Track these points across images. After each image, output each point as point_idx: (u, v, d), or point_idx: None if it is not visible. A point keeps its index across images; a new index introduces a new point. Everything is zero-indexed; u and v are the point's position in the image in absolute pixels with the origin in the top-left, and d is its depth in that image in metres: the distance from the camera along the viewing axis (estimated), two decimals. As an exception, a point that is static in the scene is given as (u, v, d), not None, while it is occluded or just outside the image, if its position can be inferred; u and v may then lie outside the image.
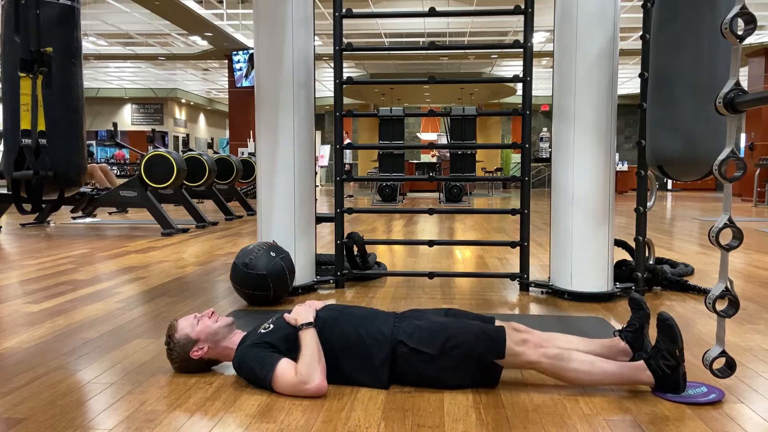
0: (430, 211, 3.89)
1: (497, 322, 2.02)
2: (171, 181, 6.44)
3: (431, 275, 3.55)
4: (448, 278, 3.83)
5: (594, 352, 1.96)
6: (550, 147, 6.27)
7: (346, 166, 13.33)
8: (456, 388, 1.91)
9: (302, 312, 1.98)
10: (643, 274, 3.33)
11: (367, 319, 2.01)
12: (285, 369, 1.83)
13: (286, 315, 2.01)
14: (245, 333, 2.05)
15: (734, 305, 1.69)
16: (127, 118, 22.75)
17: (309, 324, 1.92)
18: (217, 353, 2.02)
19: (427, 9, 3.48)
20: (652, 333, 1.87)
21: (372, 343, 1.92)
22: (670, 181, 15.96)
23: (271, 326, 2.01)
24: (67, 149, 4.23)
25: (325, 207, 9.89)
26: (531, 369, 1.92)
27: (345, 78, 3.52)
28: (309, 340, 1.88)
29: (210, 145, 11.94)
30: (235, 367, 1.97)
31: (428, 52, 13.07)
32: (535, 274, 3.82)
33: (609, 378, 1.87)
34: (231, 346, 2.01)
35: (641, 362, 1.86)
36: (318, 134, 19.68)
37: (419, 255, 4.89)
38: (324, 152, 16.59)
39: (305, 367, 1.82)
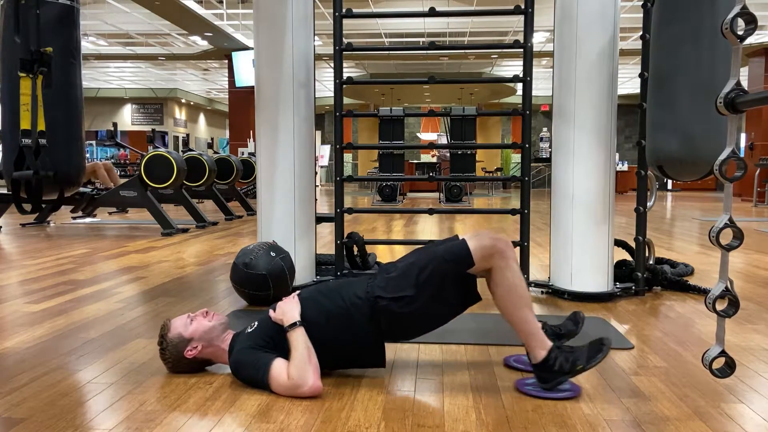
0: (430, 211, 3.89)
1: (460, 237, 1.99)
2: (171, 181, 6.44)
3: (431, 275, 3.54)
4: (448, 278, 3.82)
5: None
6: (550, 147, 6.26)
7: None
8: (448, 317, 1.93)
9: (287, 309, 1.95)
10: (643, 274, 3.33)
11: (342, 288, 2.02)
12: (278, 372, 1.83)
13: (271, 312, 1.99)
14: (235, 333, 2.05)
15: (734, 305, 1.69)
16: (127, 118, 22.75)
17: (296, 324, 1.90)
18: (210, 353, 2.01)
19: (427, 9, 3.48)
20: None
21: (352, 309, 1.92)
22: (670, 181, 15.95)
23: (256, 323, 2.01)
24: (66, 149, 4.23)
25: (325, 207, 9.89)
26: (492, 260, 1.87)
27: (345, 78, 3.52)
28: (297, 341, 1.86)
29: (210, 145, 11.96)
30: (232, 372, 1.97)
31: (428, 52, 13.06)
32: (535, 274, 3.82)
33: (525, 317, 1.87)
34: (224, 346, 2.01)
35: (550, 343, 1.88)
36: (318, 134, 19.67)
37: (419, 255, 4.88)
38: (324, 152, 16.59)
39: (296, 371, 1.81)
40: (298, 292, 2.09)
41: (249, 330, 2.00)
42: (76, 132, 4.32)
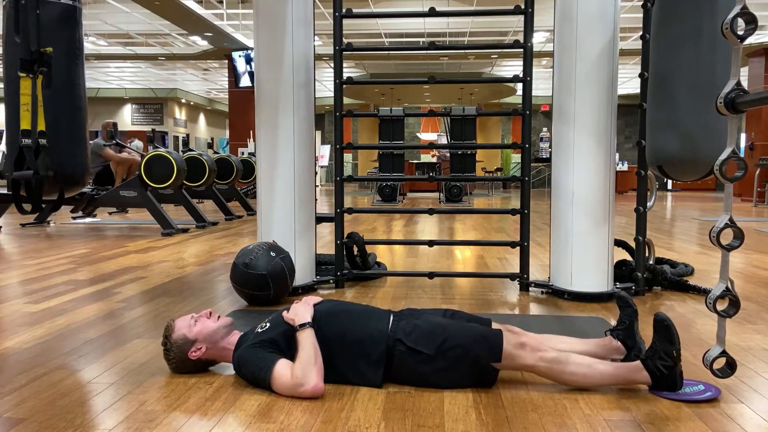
0: (430, 211, 3.89)
1: (494, 325, 2.02)
2: (171, 181, 6.44)
3: (431, 275, 3.55)
4: (448, 278, 3.83)
5: (590, 353, 1.97)
6: (550, 147, 6.27)
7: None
8: (450, 389, 1.92)
9: (300, 311, 1.97)
10: (643, 274, 3.33)
11: (364, 316, 2.01)
12: (282, 370, 1.83)
13: (284, 313, 2.00)
14: (242, 333, 2.05)
15: (735, 305, 1.69)
16: (127, 118, 22.74)
17: (306, 324, 1.91)
18: (214, 353, 2.01)
19: (427, 9, 3.48)
20: (648, 332, 1.87)
21: (368, 340, 1.92)
22: (670, 181, 15.96)
23: (268, 325, 2.01)
24: (70, 149, 4.23)
25: (325, 207, 9.89)
26: (528, 371, 1.93)
27: (345, 78, 3.52)
28: (306, 341, 1.87)
29: (210, 145, 11.96)
30: (235, 369, 1.97)
31: (428, 52, 13.05)
32: (535, 274, 3.82)
33: (606, 379, 1.88)
34: (229, 347, 2.01)
35: (638, 362, 1.86)
36: (318, 134, 19.68)
37: (419, 255, 4.89)
38: (324, 152, 16.58)
39: (300, 370, 1.81)
40: (316, 301, 2.08)
41: (259, 329, 2.00)
42: (79, 132, 4.32)
